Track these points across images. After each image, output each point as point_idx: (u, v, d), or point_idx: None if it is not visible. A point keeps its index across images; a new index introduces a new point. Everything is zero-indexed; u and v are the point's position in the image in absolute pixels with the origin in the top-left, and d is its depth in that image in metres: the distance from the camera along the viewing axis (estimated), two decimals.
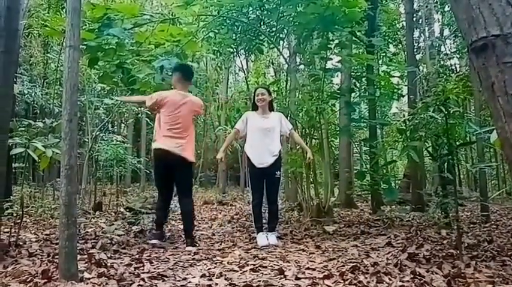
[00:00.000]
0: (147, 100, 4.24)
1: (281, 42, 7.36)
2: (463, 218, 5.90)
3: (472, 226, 5.20)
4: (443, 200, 3.42)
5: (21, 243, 3.55)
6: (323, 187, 5.82)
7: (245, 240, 4.33)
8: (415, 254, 3.08)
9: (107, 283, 2.38)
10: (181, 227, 5.36)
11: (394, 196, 5.70)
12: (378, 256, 3.23)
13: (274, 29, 6.31)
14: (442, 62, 12.11)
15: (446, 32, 14.08)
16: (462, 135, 3.58)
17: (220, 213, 7.59)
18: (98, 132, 8.25)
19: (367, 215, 6.79)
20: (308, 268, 2.87)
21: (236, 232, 4.95)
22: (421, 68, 12.02)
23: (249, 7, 5.94)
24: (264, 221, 4.37)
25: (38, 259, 3.03)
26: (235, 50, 7.75)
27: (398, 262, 2.83)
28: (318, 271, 2.79)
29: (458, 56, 12.28)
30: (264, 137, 4.30)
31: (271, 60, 16.78)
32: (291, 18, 5.75)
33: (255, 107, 4.51)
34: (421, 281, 2.39)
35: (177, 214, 7.04)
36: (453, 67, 13.12)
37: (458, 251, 3.05)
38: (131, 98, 5.26)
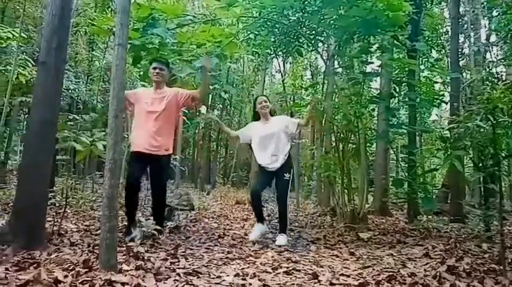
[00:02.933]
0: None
1: (320, 45, 7.32)
2: (505, 232, 5.64)
3: None
4: (486, 213, 3.29)
5: (63, 232, 3.71)
6: (357, 193, 5.72)
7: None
8: (455, 267, 2.97)
9: (144, 276, 2.44)
10: (214, 225, 5.45)
11: (433, 205, 5.53)
12: (415, 267, 3.14)
13: (314, 31, 6.27)
14: (487, 69, 11.64)
15: (492, 38, 13.54)
16: (510, 146, 3.43)
17: (252, 214, 7.59)
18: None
19: (402, 224, 6.61)
20: (342, 274, 2.83)
21: (268, 233, 4.95)
22: (464, 74, 11.60)
23: (290, 9, 5.94)
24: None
25: (79, 248, 3.16)
26: (274, 51, 7.76)
27: (437, 274, 2.74)
28: (353, 278, 2.74)
29: (505, 63, 11.77)
30: (268, 144, 4.38)
31: (309, 63, 16.68)
32: (332, 21, 5.69)
33: (256, 116, 4.63)
34: None
35: (210, 212, 7.13)
36: (499, 75, 12.59)
37: (501, 267, 2.92)
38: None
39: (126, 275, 2.39)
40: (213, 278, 2.61)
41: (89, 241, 3.44)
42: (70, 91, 10.91)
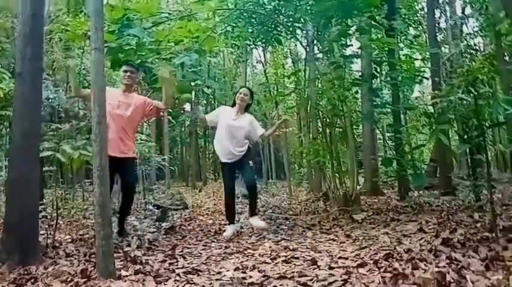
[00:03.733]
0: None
1: (299, 31, 7.30)
2: (495, 200, 5.75)
3: (504, 208, 5.05)
4: (475, 183, 3.35)
5: (57, 244, 3.66)
6: (348, 176, 5.77)
7: (273, 232, 4.34)
8: (449, 239, 3.01)
9: (144, 280, 2.43)
10: (210, 222, 5.45)
11: (422, 181, 5.61)
12: (410, 243, 3.19)
13: (291, 19, 6.25)
14: (465, 42, 11.76)
15: (467, 11, 13.66)
16: (493, 116, 3.48)
17: (246, 207, 7.61)
18: None
19: (394, 201, 6.70)
20: (340, 257, 2.87)
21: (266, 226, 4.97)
22: (443, 49, 11.71)
23: None
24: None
25: (75, 258, 3.13)
26: (253, 42, 7.72)
27: (433, 247, 2.78)
28: (351, 259, 2.77)
29: (482, 35, 11.90)
30: (232, 135, 4.40)
31: (289, 51, 16.65)
32: (308, 7, 5.68)
33: (233, 104, 4.60)
34: (458, 266, 2.34)
35: (204, 209, 7.13)
36: (477, 47, 12.73)
37: (493, 234, 2.98)
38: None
39: (125, 281, 2.38)
40: (213, 274, 2.61)
41: (85, 250, 3.41)
42: (50, 100, 10.70)
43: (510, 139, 5.91)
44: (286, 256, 3.00)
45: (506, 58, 7.72)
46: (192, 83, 5.70)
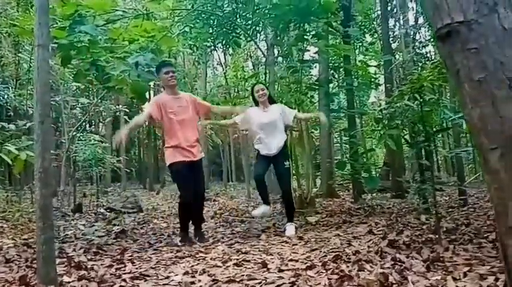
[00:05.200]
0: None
1: (258, 35, 7.34)
2: (441, 203, 6.03)
3: (450, 210, 5.31)
4: (421, 186, 3.49)
5: None
6: (305, 178, 5.85)
7: (228, 235, 4.33)
8: (395, 241, 3.12)
9: (87, 286, 2.34)
10: (164, 225, 5.35)
11: (375, 184, 5.78)
12: (359, 244, 3.27)
13: (250, 21, 6.28)
14: (417, 50, 12.27)
15: (421, 20, 14.26)
16: (438, 122, 3.64)
17: (216, 204, 7.57)
18: (74, 133, 8.09)
19: (348, 204, 6.87)
20: (291, 260, 2.89)
21: (219, 227, 4.95)
22: (397, 56, 12.15)
23: (224, 0, 5.90)
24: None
25: (16, 264, 2.97)
26: (212, 44, 7.69)
27: (379, 249, 2.87)
28: (301, 262, 2.80)
29: (432, 43, 12.45)
30: (267, 130, 4.40)
31: (249, 54, 16.72)
32: (267, 11, 5.72)
33: (256, 103, 4.62)
34: (402, 267, 2.42)
35: (160, 212, 7.00)
36: (428, 55, 13.31)
37: (437, 236, 3.11)
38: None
39: None
40: (161, 279, 2.56)
41: (27, 256, 3.24)
42: None
43: (456, 145, 6.22)
44: (237, 259, 2.99)
45: None
46: (150, 83, 5.59)
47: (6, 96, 10.16)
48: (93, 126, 18.29)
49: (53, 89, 7.86)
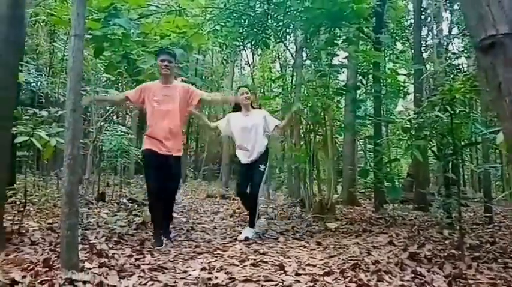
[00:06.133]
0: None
1: (287, 37, 7.32)
2: (466, 218, 5.87)
3: (475, 226, 5.17)
4: (446, 200, 3.41)
5: (23, 231, 3.57)
6: (326, 184, 5.80)
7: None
8: (417, 254, 3.06)
9: (107, 274, 2.38)
10: (183, 219, 5.40)
11: (398, 194, 5.68)
12: (379, 254, 3.22)
13: (280, 23, 6.27)
14: (449, 61, 12.01)
15: (454, 31, 13.95)
16: (468, 135, 3.55)
17: (222, 207, 7.60)
18: (102, 123, 8.26)
19: (369, 213, 6.77)
20: (308, 264, 2.87)
21: (237, 226, 4.96)
22: (428, 66, 11.92)
23: (256, 0, 5.91)
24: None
25: (40, 247, 3.05)
26: (241, 43, 7.72)
27: (400, 260, 2.82)
28: (319, 267, 2.78)
29: (466, 55, 12.16)
30: (247, 136, 4.35)
31: (277, 55, 16.71)
32: (298, 13, 5.71)
33: (237, 108, 4.55)
34: (422, 281, 2.38)
35: (180, 207, 7.07)
36: (461, 66, 13.00)
37: (460, 252, 3.04)
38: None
39: (88, 274, 2.33)
40: (178, 273, 2.58)
41: (51, 240, 3.33)
42: (31, 85, 10.49)
43: (484, 160, 6.05)
44: (255, 259, 2.99)
45: None
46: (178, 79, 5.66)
47: (39, 83, 10.45)
48: (120, 118, 18.61)
49: (84, 79, 8.03)
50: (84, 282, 2.19)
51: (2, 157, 3.00)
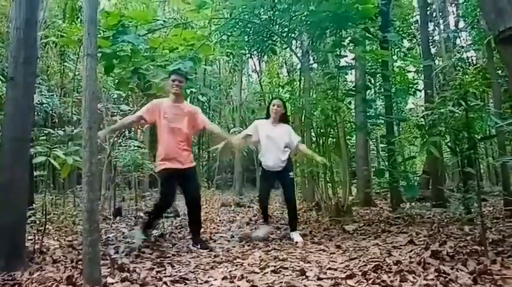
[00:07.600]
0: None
1: (294, 41, 7.34)
2: (485, 213, 5.77)
3: (495, 221, 5.08)
4: (465, 196, 3.36)
5: (45, 250, 3.62)
6: (341, 186, 5.77)
7: (264, 241, 4.32)
8: (439, 252, 3.02)
9: None
10: (201, 230, 5.40)
11: (414, 192, 5.63)
12: (400, 254, 3.19)
13: (286, 29, 6.30)
14: (458, 55, 11.90)
15: (461, 24, 13.84)
16: (483, 129, 3.50)
17: (238, 215, 7.59)
18: (115, 139, 8.35)
19: (386, 213, 6.70)
20: (330, 268, 2.85)
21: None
22: (436, 61, 11.83)
23: (261, 8, 5.95)
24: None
25: (62, 265, 3.09)
26: (248, 51, 7.76)
27: (422, 259, 2.78)
28: (340, 271, 2.76)
29: (474, 48, 12.05)
30: (272, 145, 4.47)
31: (284, 61, 16.74)
32: (303, 18, 5.73)
33: (267, 116, 4.66)
34: (446, 279, 2.34)
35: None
36: (470, 60, 12.88)
37: (483, 248, 2.99)
38: None
39: None
40: (200, 283, 2.59)
41: (72, 257, 3.37)
42: (44, 105, 10.68)
43: (501, 153, 5.96)
44: (275, 266, 2.99)
45: (499, 72, 7.82)
46: (187, 91, 5.71)
47: (51, 104, 10.64)
48: (132, 133, 18.80)
49: (97, 96, 8.14)
50: None
51: (24, 177, 3.06)
